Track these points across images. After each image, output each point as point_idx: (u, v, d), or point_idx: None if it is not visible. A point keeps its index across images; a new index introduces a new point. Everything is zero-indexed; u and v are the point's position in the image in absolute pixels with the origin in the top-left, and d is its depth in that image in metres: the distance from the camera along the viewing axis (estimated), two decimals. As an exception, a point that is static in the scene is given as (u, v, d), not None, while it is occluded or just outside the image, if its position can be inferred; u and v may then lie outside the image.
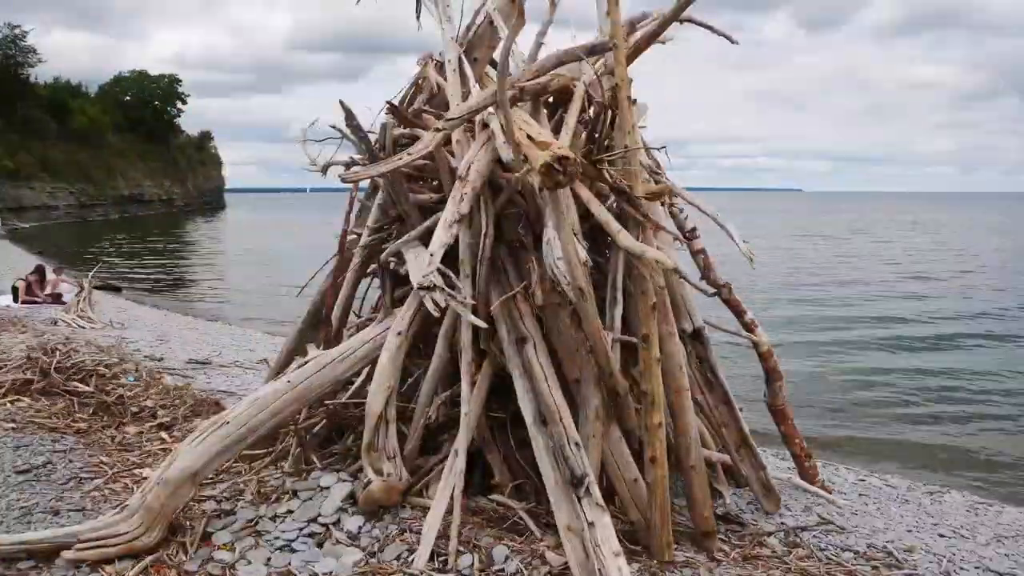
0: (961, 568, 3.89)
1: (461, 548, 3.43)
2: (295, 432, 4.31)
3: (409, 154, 3.70)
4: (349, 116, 3.89)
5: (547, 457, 3.16)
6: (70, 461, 4.68)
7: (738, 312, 4.82)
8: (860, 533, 4.31)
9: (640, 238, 3.68)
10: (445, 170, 3.93)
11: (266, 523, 3.73)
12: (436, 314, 3.61)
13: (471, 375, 3.70)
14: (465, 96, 4.16)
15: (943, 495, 5.52)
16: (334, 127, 4.44)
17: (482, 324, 3.50)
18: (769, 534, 4.15)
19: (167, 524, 3.59)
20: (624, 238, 3.50)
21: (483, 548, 3.49)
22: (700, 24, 4.43)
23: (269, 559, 3.46)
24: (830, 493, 4.85)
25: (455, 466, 3.63)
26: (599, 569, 2.81)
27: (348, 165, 4.83)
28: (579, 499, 3.00)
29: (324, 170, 4.88)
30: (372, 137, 4.17)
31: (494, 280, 3.83)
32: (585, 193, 3.81)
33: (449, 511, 3.51)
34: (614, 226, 3.46)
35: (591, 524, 2.93)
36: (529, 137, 3.28)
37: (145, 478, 4.46)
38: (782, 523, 4.35)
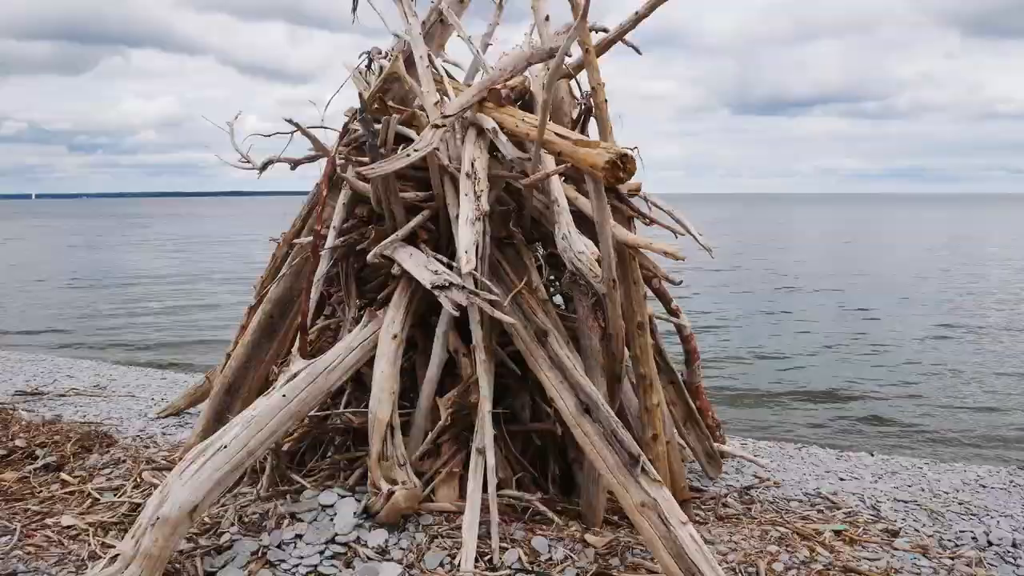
0: (878, 501, 4.67)
1: (504, 545, 3.44)
2: (270, 451, 3.95)
3: (416, 150, 3.60)
4: (361, 113, 3.64)
5: (600, 442, 3.27)
6: None
7: (665, 300, 5.28)
8: (790, 484, 4.96)
9: (634, 232, 3.93)
10: (435, 168, 3.86)
11: (276, 552, 3.41)
12: (456, 313, 3.57)
13: (488, 372, 3.69)
14: (439, 92, 4.11)
15: (810, 448, 6.46)
16: (289, 121, 4.14)
17: (511, 319, 3.52)
18: (726, 495, 4.64)
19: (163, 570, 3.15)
20: (623, 232, 3.74)
21: (521, 541, 3.53)
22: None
23: (307, 585, 3.20)
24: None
25: (479, 465, 3.61)
26: (677, 538, 3.01)
27: (296, 163, 4.53)
28: (637, 478, 3.17)
29: (263, 168, 4.52)
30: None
31: (495, 277, 3.85)
32: (571, 192, 3.99)
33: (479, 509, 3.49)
34: (609, 222, 3.67)
35: (655, 500, 3.11)
36: (558, 135, 3.37)
37: (69, 526, 3.86)
38: (729, 485, 4.86)
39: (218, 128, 4.64)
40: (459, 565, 3.32)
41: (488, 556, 3.38)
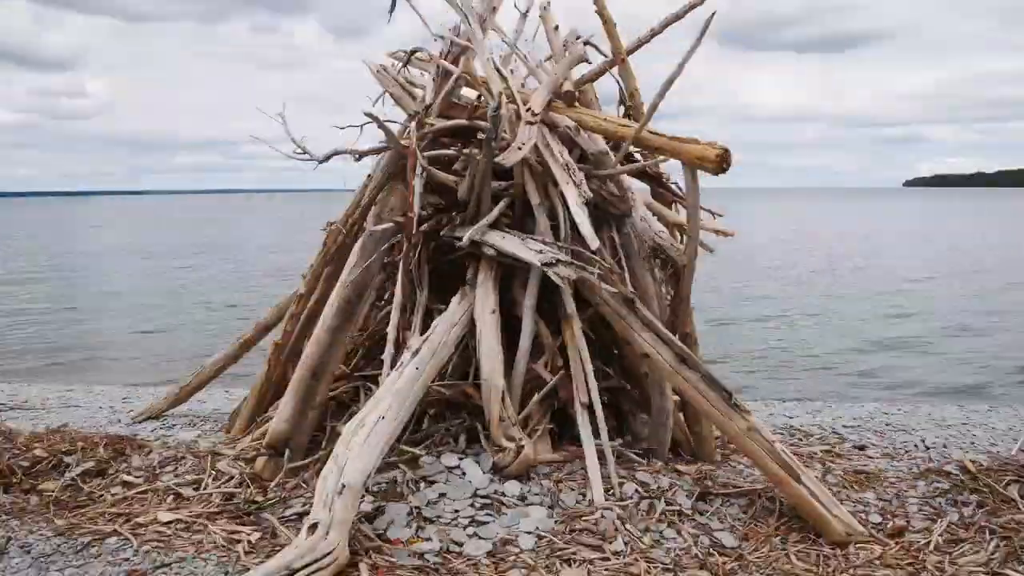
0: (834, 429, 5.84)
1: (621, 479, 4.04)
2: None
3: (521, 146, 4.06)
4: (495, 110, 3.94)
5: (701, 385, 3.96)
6: (27, 542, 3.64)
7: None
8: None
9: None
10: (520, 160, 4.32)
11: (428, 509, 3.74)
12: (566, 287, 4.10)
13: (582, 338, 4.26)
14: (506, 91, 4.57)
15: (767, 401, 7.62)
16: (368, 115, 4.40)
17: (628, 292, 4.11)
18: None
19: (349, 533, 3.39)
20: (673, 215, 4.49)
21: (627, 477, 4.14)
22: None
23: (474, 533, 3.58)
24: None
25: (585, 420, 4.17)
26: (779, 451, 3.80)
27: (362, 155, 4.75)
28: (736, 411, 3.92)
29: (326, 159, 4.69)
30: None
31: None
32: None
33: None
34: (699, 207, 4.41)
35: (756, 426, 3.88)
36: (652, 132, 4.02)
37: (169, 522, 3.86)
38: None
39: (271, 118, 4.67)
40: (592, 500, 3.88)
41: (610, 491, 3.97)
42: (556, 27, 5.41)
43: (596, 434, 4.16)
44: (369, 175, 4.89)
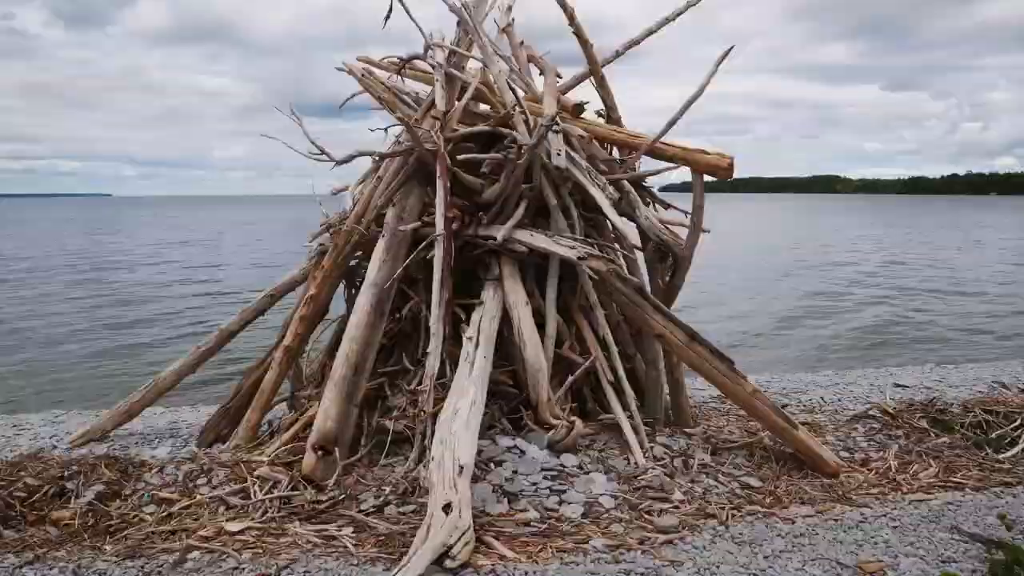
0: (803, 392, 6.88)
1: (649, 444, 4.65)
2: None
3: (560, 152, 4.51)
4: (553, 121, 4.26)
5: (711, 357, 4.65)
6: (99, 569, 3.44)
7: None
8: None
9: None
10: (537, 164, 4.75)
11: (509, 485, 4.07)
12: (596, 278, 4.63)
13: (603, 325, 4.80)
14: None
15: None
16: (400, 120, 4.58)
17: (635, 280, 4.70)
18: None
19: (467, 510, 3.64)
20: (663, 215, 5.21)
21: (655, 443, 4.76)
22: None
23: (561, 500, 3.98)
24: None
25: (611, 394, 4.73)
26: (781, 409, 4.63)
27: (383, 157, 4.89)
28: (741, 377, 4.68)
29: (347, 160, 4.77)
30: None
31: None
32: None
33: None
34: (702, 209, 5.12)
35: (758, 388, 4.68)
36: (665, 143, 4.68)
37: (239, 532, 3.84)
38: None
39: (289, 118, 4.60)
40: (637, 463, 4.44)
41: (645, 453, 4.56)
42: (521, 42, 5.91)
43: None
44: (379, 176, 5.03)
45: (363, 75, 5.42)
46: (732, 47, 4.43)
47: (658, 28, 5.51)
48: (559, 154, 4.50)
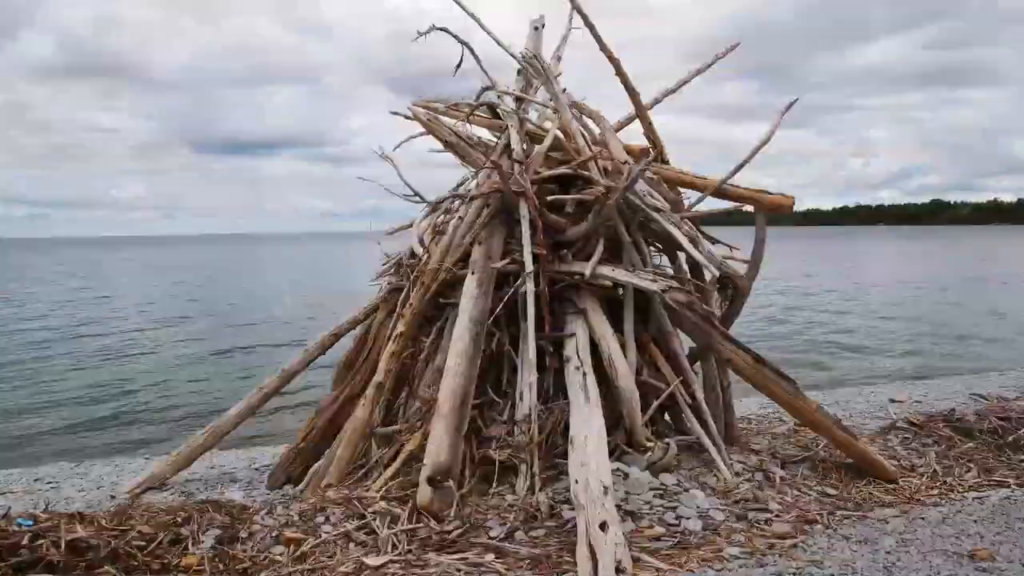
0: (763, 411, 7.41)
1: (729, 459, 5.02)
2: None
3: (651, 194, 4.90)
4: (652, 161, 4.65)
5: (775, 378, 5.07)
6: None
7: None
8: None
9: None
10: (613, 203, 5.11)
11: (626, 505, 4.33)
12: (677, 308, 5.01)
13: (678, 352, 5.17)
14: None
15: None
16: (491, 162, 4.85)
17: (706, 310, 5.10)
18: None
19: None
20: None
21: (733, 460, 5.12)
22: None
23: (678, 517, 4.27)
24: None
25: (692, 419, 5.09)
26: (845, 425, 5.09)
27: (471, 199, 5.13)
28: (804, 396, 5.13)
29: (439, 203, 4.98)
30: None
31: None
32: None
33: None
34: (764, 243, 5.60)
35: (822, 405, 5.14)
36: (732, 185, 5.14)
37: (363, 566, 3.94)
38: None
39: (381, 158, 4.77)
40: (725, 479, 4.80)
41: (729, 469, 4.92)
42: (564, 89, 6.32)
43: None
44: (461, 218, 5.26)
45: (429, 119, 5.68)
46: (796, 99, 4.98)
47: (691, 79, 6.07)
48: (649, 195, 4.88)
